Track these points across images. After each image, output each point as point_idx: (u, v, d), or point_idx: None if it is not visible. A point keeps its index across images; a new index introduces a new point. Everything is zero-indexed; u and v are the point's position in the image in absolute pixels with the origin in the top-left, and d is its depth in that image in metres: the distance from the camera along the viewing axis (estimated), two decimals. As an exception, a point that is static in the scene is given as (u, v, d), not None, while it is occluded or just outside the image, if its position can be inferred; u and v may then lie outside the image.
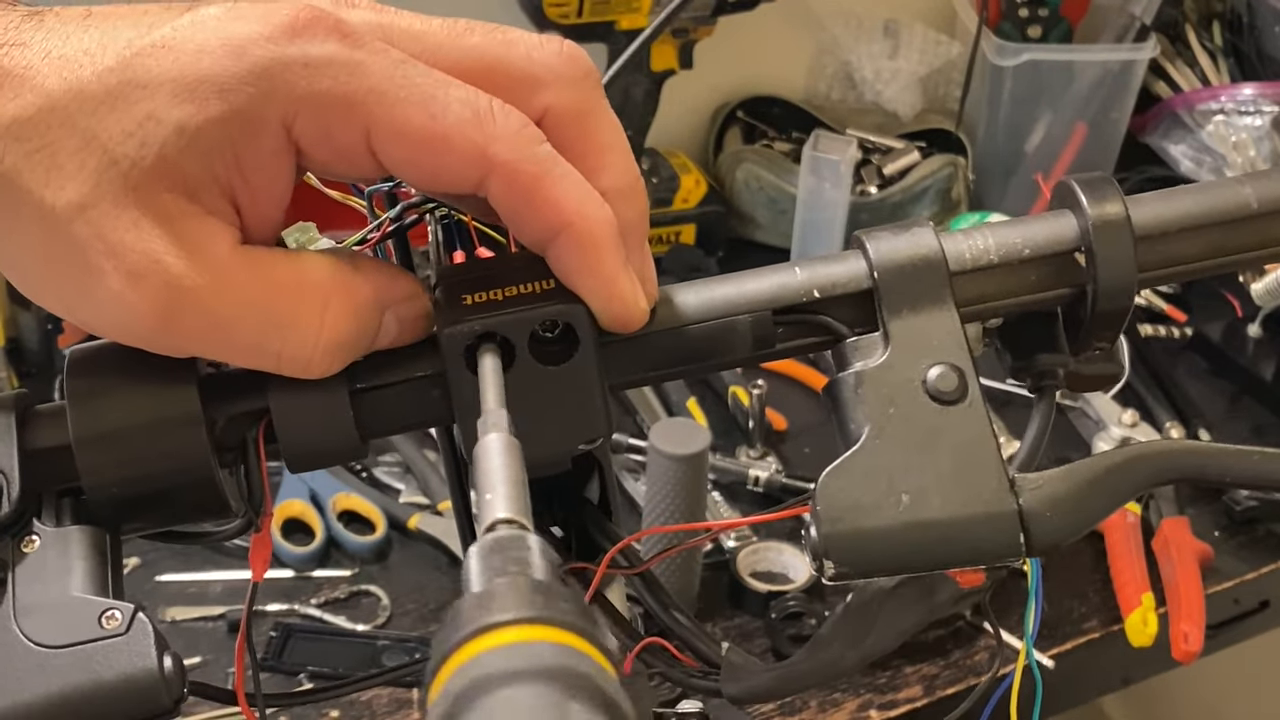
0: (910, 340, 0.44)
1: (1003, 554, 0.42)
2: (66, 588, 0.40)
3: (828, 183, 1.49)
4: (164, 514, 0.43)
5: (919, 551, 0.42)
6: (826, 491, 0.42)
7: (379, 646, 1.12)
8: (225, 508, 0.42)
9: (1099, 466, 0.44)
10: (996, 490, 0.42)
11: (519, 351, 0.41)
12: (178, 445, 0.41)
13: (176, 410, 0.41)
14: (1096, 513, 0.44)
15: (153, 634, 0.40)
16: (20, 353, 1.37)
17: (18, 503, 0.40)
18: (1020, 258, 0.46)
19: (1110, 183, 0.46)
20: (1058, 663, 1.15)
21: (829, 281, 0.45)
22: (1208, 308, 1.53)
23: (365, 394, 0.42)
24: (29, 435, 0.41)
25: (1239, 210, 0.47)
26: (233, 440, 0.42)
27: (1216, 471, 0.46)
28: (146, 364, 0.41)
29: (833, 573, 0.42)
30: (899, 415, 0.43)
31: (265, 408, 0.42)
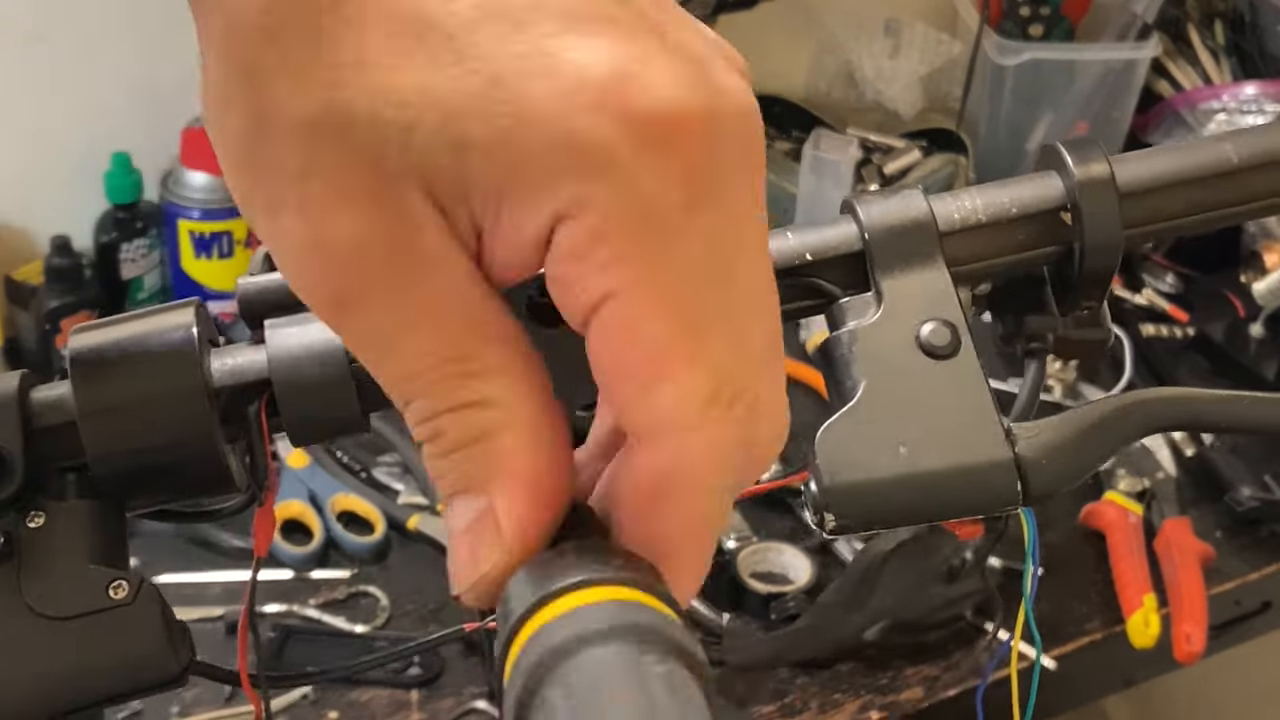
0: (902, 298, 0.44)
1: (1001, 502, 0.43)
2: (73, 560, 0.41)
3: (829, 182, 1.49)
4: (169, 488, 0.43)
5: (918, 502, 0.42)
6: (825, 445, 0.43)
7: (378, 647, 1.11)
8: (230, 481, 0.42)
9: (1094, 414, 0.45)
10: (992, 439, 0.43)
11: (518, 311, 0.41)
12: (182, 419, 0.41)
13: (180, 383, 0.41)
14: (1092, 459, 0.44)
15: (160, 603, 0.40)
16: (19, 353, 1.37)
17: (23, 478, 0.41)
18: (1008, 217, 0.46)
19: (1095, 144, 0.47)
20: (1059, 663, 1.15)
21: (821, 244, 0.46)
22: (1210, 308, 1.53)
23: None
24: (33, 412, 0.42)
25: (1220, 165, 0.48)
26: (236, 414, 0.42)
27: (1209, 417, 0.47)
28: (150, 339, 0.42)
29: (834, 525, 0.42)
30: (893, 370, 0.43)
31: (267, 380, 0.42)
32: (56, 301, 1.34)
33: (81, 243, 1.37)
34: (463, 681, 1.08)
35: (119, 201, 1.37)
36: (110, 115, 1.38)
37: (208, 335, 0.43)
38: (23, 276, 1.36)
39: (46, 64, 1.34)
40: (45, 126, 1.37)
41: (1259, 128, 0.50)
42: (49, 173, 1.38)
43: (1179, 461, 1.32)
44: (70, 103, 1.37)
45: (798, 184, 1.52)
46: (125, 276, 1.39)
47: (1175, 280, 1.58)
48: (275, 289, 0.42)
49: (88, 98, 1.37)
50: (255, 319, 0.43)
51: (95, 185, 1.37)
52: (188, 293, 1.41)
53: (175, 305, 0.43)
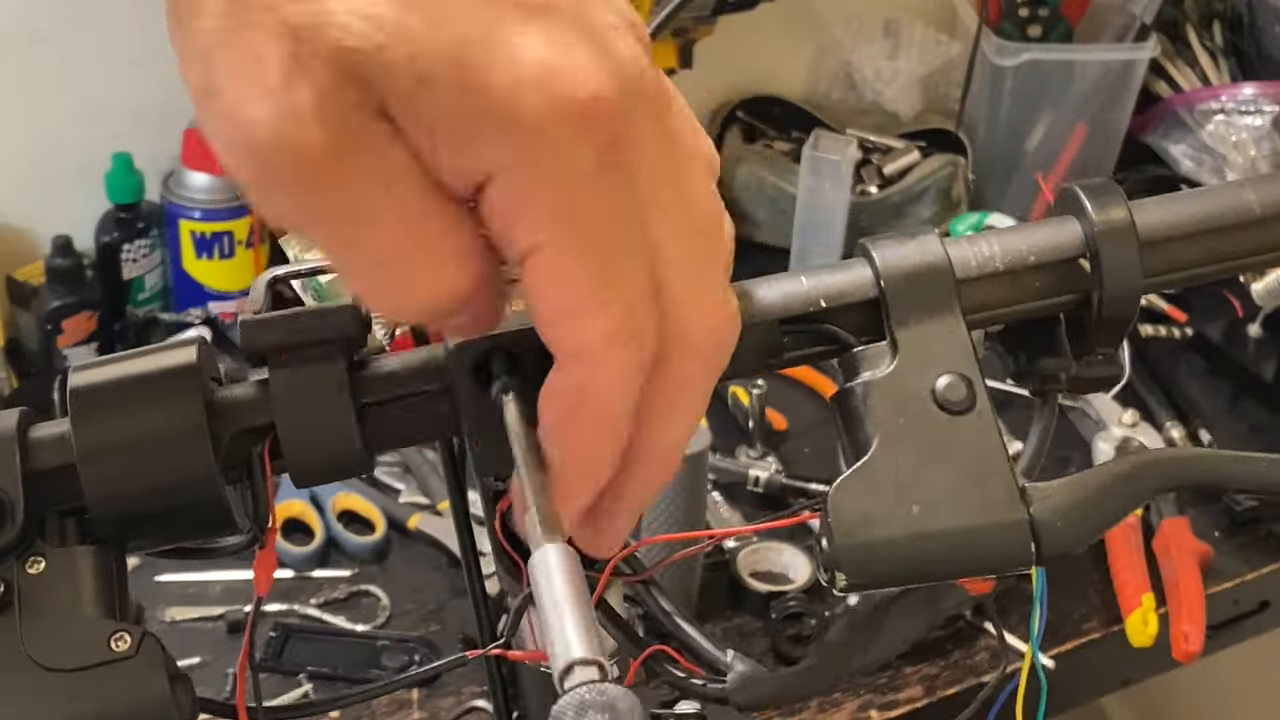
0: (918, 349, 0.44)
1: (1013, 563, 0.43)
2: (74, 609, 0.40)
3: (828, 183, 1.49)
4: (169, 530, 0.42)
5: (930, 562, 0.42)
6: (838, 503, 0.42)
7: (378, 647, 1.12)
8: (231, 524, 0.42)
9: (1107, 475, 0.45)
10: (1007, 500, 0.42)
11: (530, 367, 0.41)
12: (183, 461, 0.40)
13: (182, 426, 0.40)
14: (1105, 521, 0.44)
15: (162, 657, 0.40)
16: (20, 353, 1.37)
17: (22, 524, 0.40)
18: (1025, 265, 0.46)
19: (1114, 189, 0.46)
20: (1058, 663, 1.15)
21: (835, 290, 0.45)
22: (1208, 308, 1.53)
23: (371, 409, 0.42)
24: (32, 454, 0.41)
25: (1242, 215, 0.47)
26: (238, 456, 0.42)
27: (1223, 478, 0.47)
28: (151, 379, 0.41)
29: (844, 584, 0.42)
30: (908, 425, 0.43)
31: (270, 424, 0.41)
32: (58, 302, 1.34)
33: (83, 243, 1.37)
34: (462, 681, 1.08)
35: (120, 202, 1.37)
36: (112, 116, 1.38)
37: (211, 373, 0.42)
38: (24, 277, 1.36)
39: (48, 64, 1.34)
40: (47, 127, 1.37)
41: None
42: (50, 173, 1.38)
43: (1177, 461, 1.32)
44: (72, 103, 1.37)
45: (797, 184, 1.53)
46: (126, 277, 1.39)
47: (1174, 280, 1.58)
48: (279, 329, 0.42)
49: (89, 98, 1.37)
50: (258, 358, 0.42)
51: (97, 185, 1.37)
52: (189, 293, 1.41)
53: (178, 342, 0.42)
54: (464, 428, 0.42)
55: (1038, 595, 0.47)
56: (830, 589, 0.43)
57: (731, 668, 0.48)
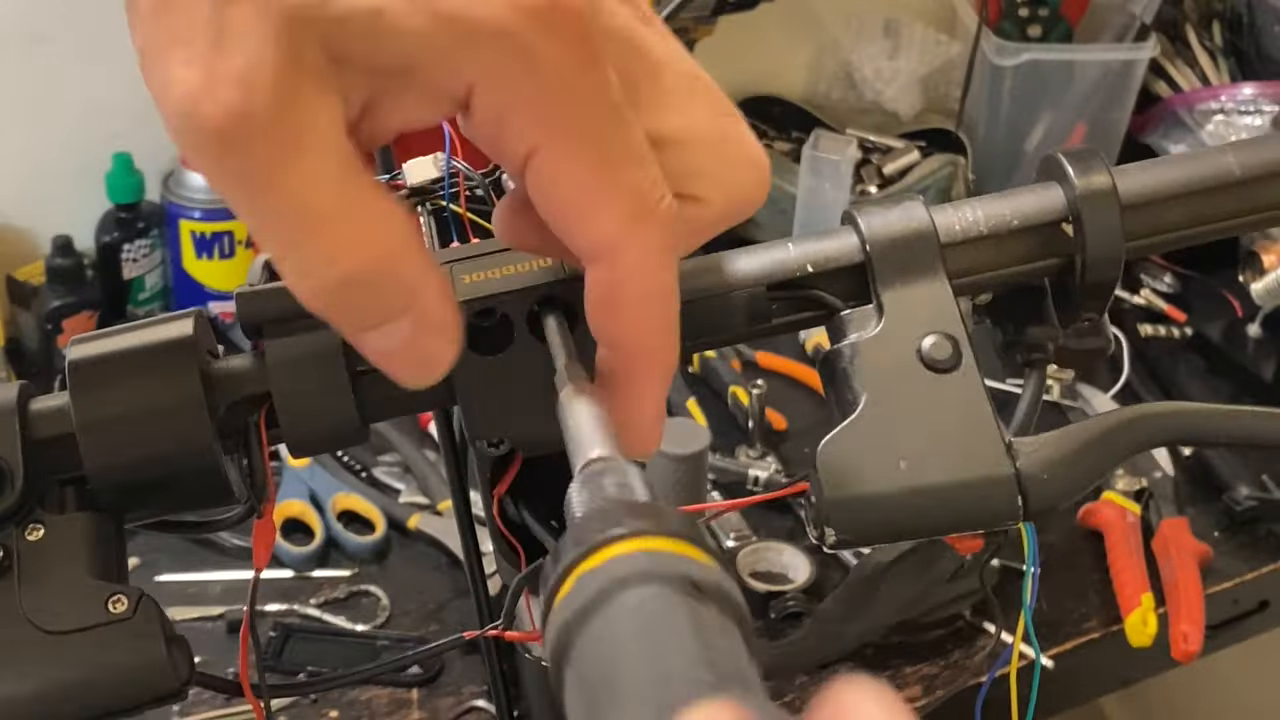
0: (903, 311, 0.44)
1: (1001, 517, 0.43)
2: (72, 574, 0.40)
3: (828, 183, 1.49)
4: (167, 500, 0.43)
5: (919, 516, 0.43)
6: (826, 459, 0.43)
7: (378, 647, 1.12)
8: (229, 494, 0.42)
9: (1094, 429, 0.45)
10: (993, 454, 0.43)
11: (517, 328, 0.41)
12: (181, 430, 0.41)
13: (179, 396, 0.41)
14: (1092, 474, 0.45)
15: (159, 618, 0.40)
16: (20, 353, 1.37)
17: (22, 491, 0.40)
18: (1009, 229, 0.46)
19: (1096, 154, 0.47)
20: (1057, 663, 1.15)
21: (822, 256, 0.46)
22: (1207, 308, 1.53)
23: (366, 376, 0.42)
24: (32, 424, 0.42)
25: (1222, 177, 0.48)
26: (235, 426, 0.42)
27: (1209, 432, 0.47)
28: (149, 350, 0.41)
29: (833, 540, 0.42)
30: (895, 384, 0.43)
31: (266, 392, 0.42)
32: (58, 301, 1.34)
33: (83, 243, 1.37)
34: (462, 680, 1.09)
35: (120, 202, 1.37)
36: (112, 115, 1.38)
37: (207, 346, 0.43)
38: (24, 276, 1.37)
39: (48, 64, 1.34)
40: (47, 127, 1.37)
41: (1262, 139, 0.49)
42: (51, 173, 1.39)
43: (1177, 461, 1.32)
44: (72, 103, 1.37)
45: (797, 184, 1.53)
46: (127, 276, 1.39)
47: (1173, 280, 1.59)
48: (275, 299, 0.42)
49: (89, 98, 1.37)
50: (254, 329, 0.42)
51: (97, 185, 1.37)
52: (189, 293, 1.41)
53: (175, 316, 0.43)
54: (457, 392, 0.42)
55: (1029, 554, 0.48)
56: (820, 544, 0.43)
57: None
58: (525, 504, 0.50)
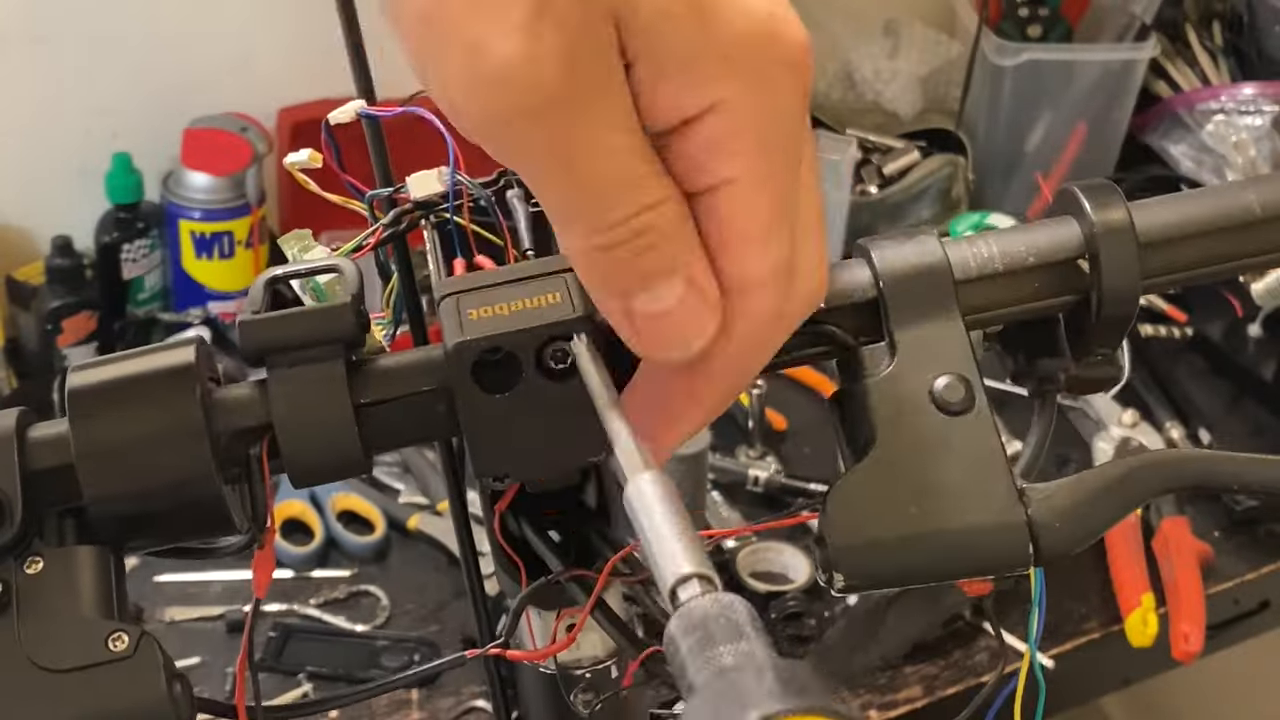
0: (917, 350, 0.44)
1: (1011, 564, 0.43)
2: (72, 609, 0.40)
3: (828, 183, 1.49)
4: (168, 531, 0.42)
5: (928, 562, 0.42)
6: (836, 504, 0.42)
7: (378, 647, 1.12)
8: (229, 524, 0.42)
9: (1106, 476, 0.45)
10: (1005, 501, 0.42)
11: (525, 366, 0.41)
12: (182, 461, 0.40)
13: (180, 426, 0.40)
14: (1104, 522, 0.44)
15: (160, 657, 0.39)
16: (20, 353, 1.37)
17: (21, 523, 0.40)
18: (1024, 265, 0.46)
19: (1113, 189, 0.46)
20: (1058, 663, 1.15)
21: (834, 290, 0.45)
22: (1208, 308, 1.53)
23: (369, 409, 0.42)
24: (30, 454, 0.41)
25: (1242, 216, 0.47)
26: (236, 456, 0.42)
27: (1222, 479, 0.46)
28: (149, 379, 0.41)
29: (842, 585, 0.42)
30: (907, 426, 0.43)
31: (269, 423, 0.41)
32: (58, 301, 1.34)
33: (83, 243, 1.37)
34: (462, 681, 1.08)
35: (120, 202, 1.37)
36: (111, 116, 1.38)
37: (209, 373, 0.42)
38: (24, 276, 1.37)
39: (48, 65, 1.34)
40: (47, 127, 1.37)
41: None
42: (50, 173, 1.38)
43: (1177, 461, 1.32)
44: (72, 103, 1.37)
45: (797, 184, 1.52)
46: (126, 276, 1.39)
47: (1173, 280, 1.59)
48: (278, 328, 0.41)
49: (90, 98, 1.37)
50: (256, 358, 0.42)
51: (96, 185, 1.37)
52: (189, 293, 1.41)
53: (175, 342, 0.42)
54: (463, 427, 0.42)
55: (1036, 597, 0.47)
56: (829, 589, 0.42)
57: None
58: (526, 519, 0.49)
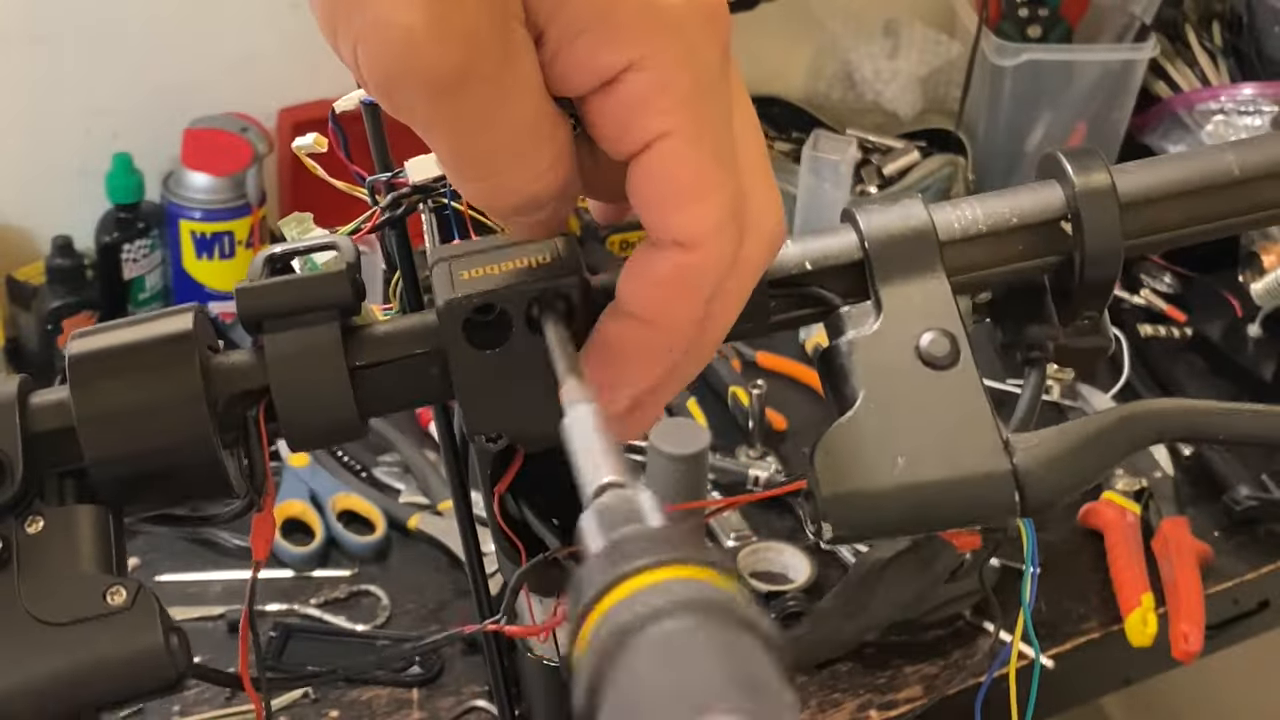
0: (902, 308, 0.44)
1: (999, 513, 0.43)
2: (71, 565, 0.41)
3: (828, 183, 1.49)
4: (167, 493, 0.43)
5: (916, 512, 0.43)
6: (823, 456, 0.43)
7: (378, 646, 1.12)
8: (228, 487, 0.42)
9: (1092, 426, 0.45)
10: (991, 450, 0.43)
11: (515, 323, 0.41)
12: (180, 424, 0.41)
13: (179, 389, 0.41)
14: (1090, 471, 0.45)
15: (157, 609, 0.40)
16: (20, 352, 1.37)
17: (21, 483, 0.41)
18: (1008, 226, 0.47)
19: (1095, 153, 0.47)
20: (1058, 663, 1.15)
21: (821, 253, 0.46)
22: (1208, 308, 1.53)
23: (364, 371, 0.42)
24: (32, 416, 0.42)
25: (1222, 176, 0.48)
26: (234, 420, 0.42)
27: (1207, 429, 0.47)
28: (148, 344, 0.42)
29: (831, 535, 0.42)
30: (893, 380, 0.44)
31: (266, 387, 0.42)
32: (58, 301, 1.34)
33: (83, 243, 1.37)
34: (463, 680, 1.09)
35: (121, 202, 1.37)
36: (112, 116, 1.38)
37: (207, 340, 0.43)
38: (24, 276, 1.37)
39: (48, 64, 1.34)
40: (47, 127, 1.37)
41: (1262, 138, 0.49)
42: (51, 173, 1.39)
43: (1177, 461, 1.32)
44: (72, 103, 1.37)
45: (797, 185, 1.53)
46: (127, 277, 1.39)
47: (1173, 280, 1.59)
48: (275, 294, 0.42)
49: (90, 98, 1.37)
50: (254, 325, 0.42)
51: (97, 186, 1.37)
52: (189, 293, 1.41)
53: (174, 310, 0.43)
54: (455, 385, 0.42)
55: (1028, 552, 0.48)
56: (817, 539, 0.43)
57: None
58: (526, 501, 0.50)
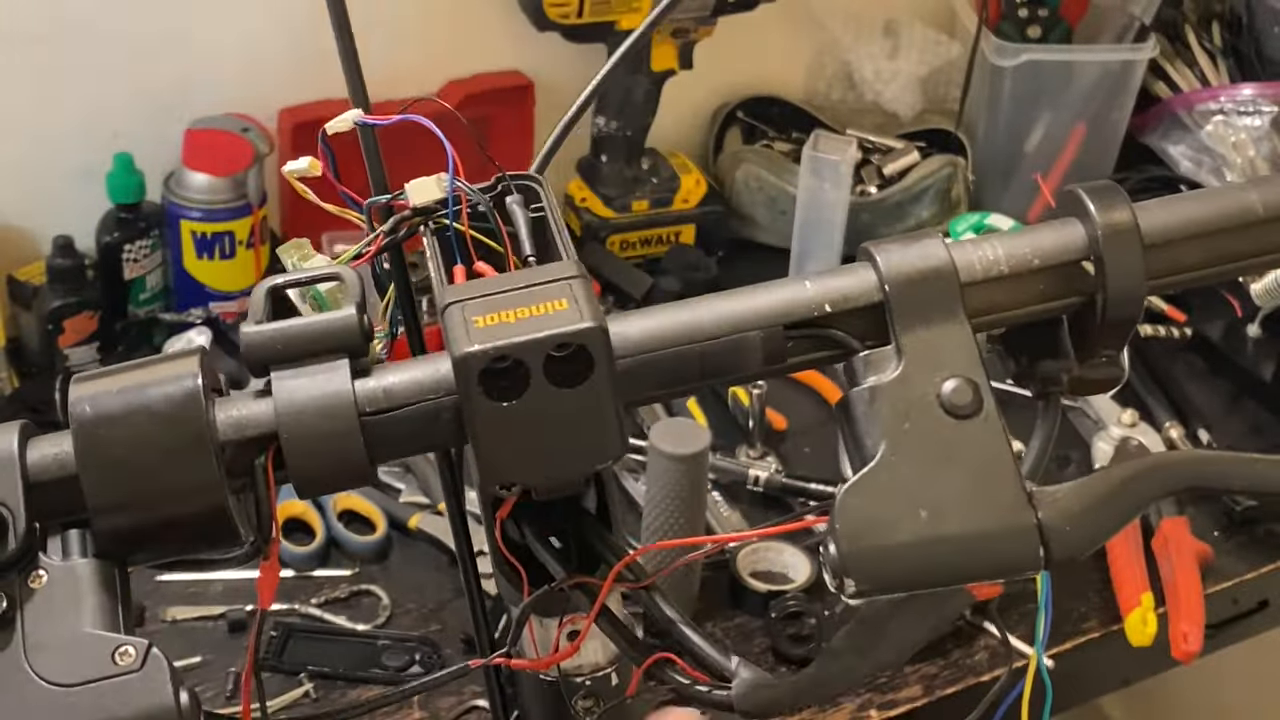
0: (923, 353, 0.44)
1: (1022, 567, 0.43)
2: (77, 624, 0.40)
3: (828, 183, 1.49)
4: (173, 543, 0.42)
5: (939, 566, 0.42)
6: (845, 509, 0.42)
7: (379, 646, 1.12)
8: (235, 535, 0.42)
9: (1114, 479, 0.45)
10: (1015, 504, 0.42)
11: (534, 374, 0.41)
12: (187, 472, 0.40)
13: (185, 437, 0.40)
14: (1113, 524, 0.44)
15: (167, 669, 0.39)
16: (20, 353, 1.37)
17: (24, 537, 0.40)
18: (1030, 268, 0.46)
19: (1117, 190, 0.46)
20: (1057, 662, 1.15)
21: (840, 295, 0.45)
22: (1207, 308, 1.53)
23: (375, 418, 0.42)
24: (33, 466, 0.41)
25: (1245, 216, 0.47)
26: (241, 467, 0.42)
27: (1229, 481, 0.47)
28: (153, 390, 0.41)
29: (853, 590, 0.42)
30: (915, 430, 0.43)
31: (274, 434, 0.41)
32: (59, 301, 1.34)
33: (84, 243, 1.37)
34: (463, 680, 1.08)
35: (121, 202, 1.37)
36: (113, 116, 1.38)
37: (212, 385, 0.42)
38: (25, 276, 1.36)
39: (49, 64, 1.34)
40: (48, 127, 1.37)
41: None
42: (51, 173, 1.38)
43: (1177, 461, 1.32)
44: (73, 103, 1.37)
45: (797, 184, 1.53)
46: (128, 277, 1.39)
47: (1173, 281, 1.59)
48: (281, 339, 0.41)
49: (90, 98, 1.37)
50: (260, 368, 0.42)
51: (98, 185, 1.37)
52: (190, 293, 1.41)
53: (178, 355, 0.42)
54: (470, 436, 0.41)
55: (1043, 600, 0.48)
56: (840, 594, 0.42)
57: (736, 674, 0.47)
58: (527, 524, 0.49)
